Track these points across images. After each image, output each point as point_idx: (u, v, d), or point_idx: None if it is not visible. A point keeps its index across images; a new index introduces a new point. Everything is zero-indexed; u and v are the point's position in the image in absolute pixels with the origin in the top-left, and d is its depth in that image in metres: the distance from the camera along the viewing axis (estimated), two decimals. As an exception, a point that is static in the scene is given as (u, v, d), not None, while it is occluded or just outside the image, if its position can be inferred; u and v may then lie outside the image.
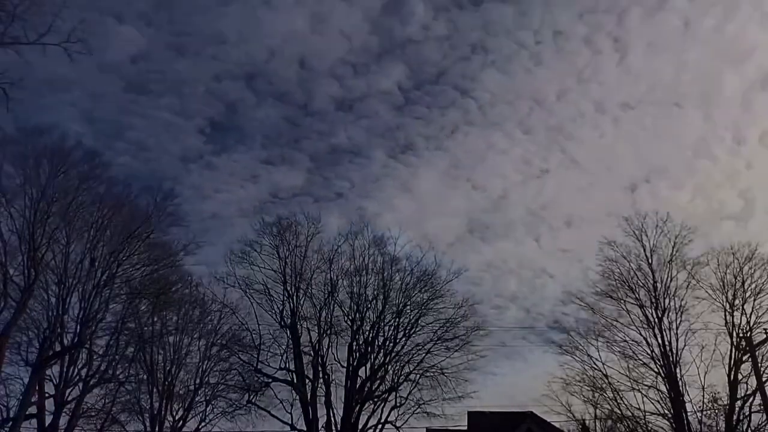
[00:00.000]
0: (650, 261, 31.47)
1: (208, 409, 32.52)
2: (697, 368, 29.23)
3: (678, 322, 30.04)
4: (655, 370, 29.53)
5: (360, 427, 30.26)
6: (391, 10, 53.33)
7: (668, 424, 28.99)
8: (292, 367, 30.70)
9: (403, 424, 30.78)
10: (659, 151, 54.13)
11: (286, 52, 54.74)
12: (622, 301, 31.28)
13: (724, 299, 30.02)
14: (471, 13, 57.18)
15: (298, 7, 53.46)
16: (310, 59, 56.51)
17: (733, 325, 29.49)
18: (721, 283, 30.30)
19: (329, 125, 53.67)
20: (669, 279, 30.83)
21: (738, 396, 28.35)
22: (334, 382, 31.09)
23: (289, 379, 30.62)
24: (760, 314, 29.49)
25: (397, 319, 32.07)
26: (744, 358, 28.46)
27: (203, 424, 32.35)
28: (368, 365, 31.40)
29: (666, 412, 28.87)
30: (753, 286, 29.75)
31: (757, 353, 27.47)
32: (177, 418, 31.36)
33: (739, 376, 28.62)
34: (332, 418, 30.19)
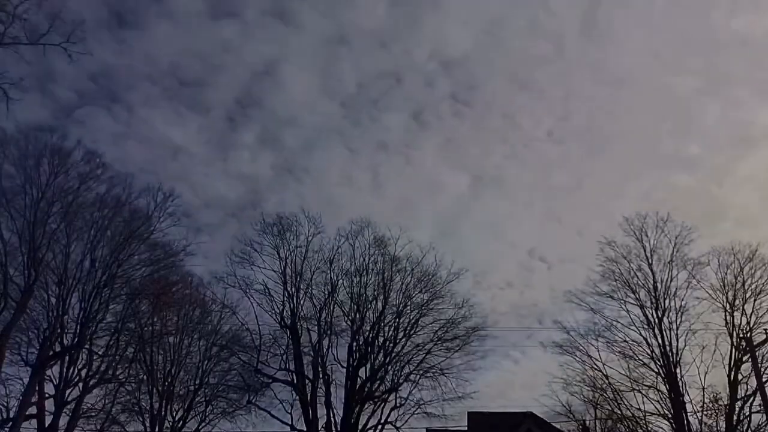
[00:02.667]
0: (650, 261, 31.43)
1: (208, 409, 32.60)
2: (698, 368, 29.24)
3: (678, 323, 30.01)
4: (655, 370, 29.51)
5: (360, 427, 30.23)
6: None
7: (668, 424, 28.97)
8: (292, 367, 30.68)
9: (403, 425, 30.79)
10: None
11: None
12: (622, 302, 31.27)
13: (725, 299, 30.00)
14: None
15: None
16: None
17: (734, 326, 29.46)
18: (721, 284, 30.27)
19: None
20: (669, 279, 30.80)
21: (738, 396, 28.31)
22: (334, 382, 31.11)
23: (289, 379, 30.60)
24: (760, 314, 29.46)
25: (398, 320, 32.08)
26: (744, 358, 28.42)
27: (203, 424, 32.41)
28: (368, 366, 31.39)
29: (666, 412, 28.85)
30: (753, 286, 29.72)
31: (757, 353, 27.44)
32: (177, 418, 31.38)
33: (740, 377, 28.57)
34: (332, 419, 30.18)
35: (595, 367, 30.85)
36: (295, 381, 30.37)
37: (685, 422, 28.44)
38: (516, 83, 67.03)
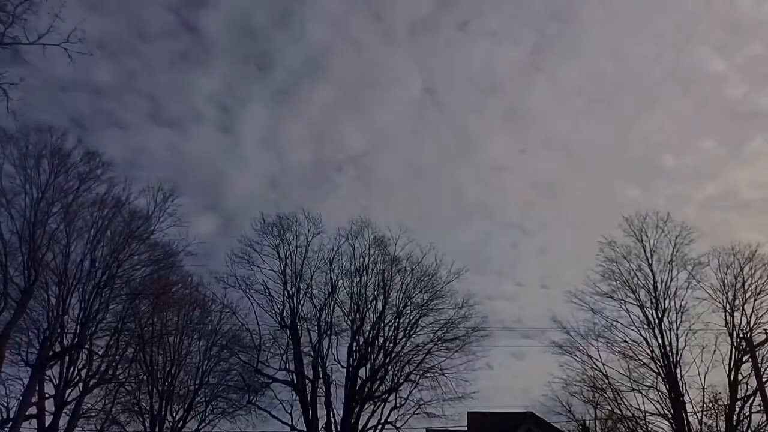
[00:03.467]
0: (650, 261, 31.43)
1: (208, 409, 32.57)
2: (698, 368, 29.27)
3: (678, 323, 30.03)
4: (656, 370, 29.52)
5: (360, 427, 30.25)
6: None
7: (668, 424, 28.97)
8: (292, 367, 30.68)
9: (403, 425, 30.80)
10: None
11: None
12: (622, 302, 31.27)
13: (725, 300, 30.02)
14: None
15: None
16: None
17: (734, 326, 29.48)
18: (721, 284, 30.30)
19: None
20: (669, 279, 30.81)
21: (738, 396, 28.34)
22: (334, 382, 31.10)
23: (290, 379, 30.60)
24: (760, 315, 29.49)
25: (398, 320, 32.07)
26: (744, 358, 28.45)
27: (203, 424, 32.39)
28: (368, 366, 31.39)
29: (666, 412, 28.86)
30: (753, 286, 29.75)
31: (757, 354, 27.45)
32: (177, 418, 31.37)
33: (740, 377, 28.61)
34: (332, 419, 30.19)
35: (595, 367, 30.89)
36: (295, 381, 30.37)
37: (685, 422, 28.45)
38: (409, 168, 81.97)
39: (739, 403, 28.28)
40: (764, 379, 26.89)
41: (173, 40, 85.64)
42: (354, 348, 31.63)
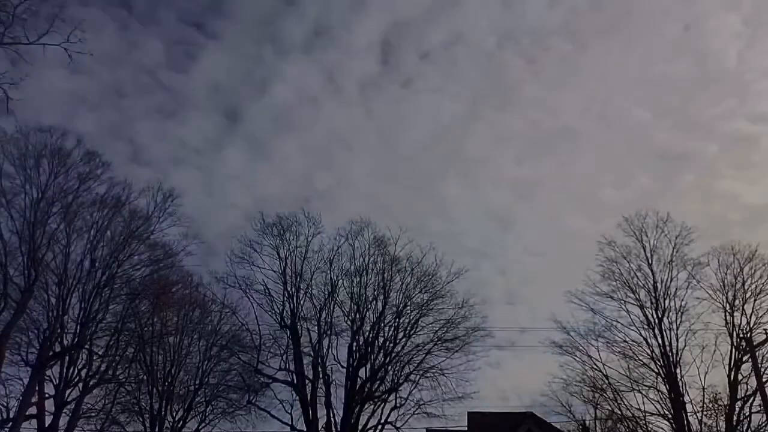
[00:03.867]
0: (650, 261, 31.43)
1: (208, 409, 32.57)
2: (698, 369, 29.24)
3: (678, 323, 30.02)
4: (655, 370, 29.51)
5: (360, 427, 30.24)
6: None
7: (668, 424, 28.98)
8: (292, 367, 30.68)
9: (403, 425, 30.78)
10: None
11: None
12: (622, 302, 31.26)
13: (725, 300, 30.01)
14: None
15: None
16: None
17: (734, 326, 29.47)
18: (721, 284, 30.28)
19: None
20: (669, 279, 30.79)
21: (738, 396, 28.34)
22: (334, 382, 31.09)
23: (289, 379, 30.61)
24: (760, 315, 29.48)
25: (398, 320, 32.07)
26: (744, 358, 28.44)
27: (203, 424, 32.38)
28: (368, 366, 31.39)
29: (666, 412, 28.86)
30: (753, 286, 29.73)
31: (757, 354, 27.46)
32: (177, 418, 31.38)
33: (740, 377, 28.60)
34: (332, 419, 30.19)
35: (595, 367, 30.86)
36: (295, 381, 30.38)
37: (685, 422, 28.45)
38: (373, 203, 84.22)
39: (739, 403, 28.27)
40: (764, 379, 26.90)
41: (149, 96, 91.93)
42: (354, 348, 31.64)
